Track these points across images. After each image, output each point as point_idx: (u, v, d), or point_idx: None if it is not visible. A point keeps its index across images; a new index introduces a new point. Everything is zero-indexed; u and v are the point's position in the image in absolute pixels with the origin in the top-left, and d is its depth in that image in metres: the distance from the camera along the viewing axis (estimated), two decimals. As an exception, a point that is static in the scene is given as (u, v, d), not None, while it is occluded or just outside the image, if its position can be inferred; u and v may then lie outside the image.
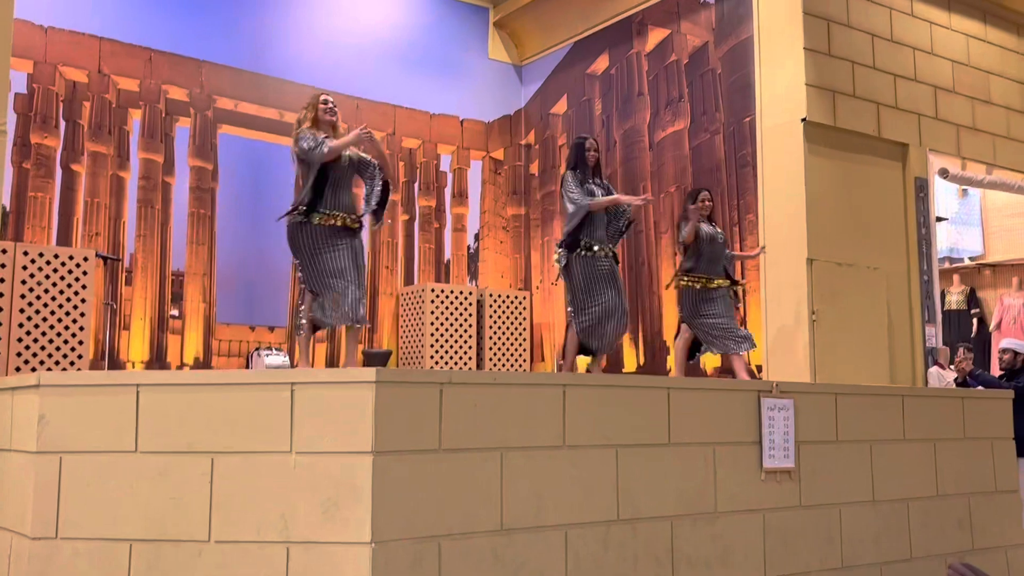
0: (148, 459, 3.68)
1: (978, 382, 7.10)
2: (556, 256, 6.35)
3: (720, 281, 7.03)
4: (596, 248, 6.22)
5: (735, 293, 7.22)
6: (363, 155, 5.68)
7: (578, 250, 6.18)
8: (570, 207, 6.24)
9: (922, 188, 8.82)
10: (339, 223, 5.46)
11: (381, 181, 5.66)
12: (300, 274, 5.63)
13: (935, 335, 8.73)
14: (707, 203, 7.12)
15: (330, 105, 5.60)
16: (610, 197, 6.41)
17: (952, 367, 7.75)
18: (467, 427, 3.78)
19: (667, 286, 7.27)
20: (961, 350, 8.00)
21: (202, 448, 3.67)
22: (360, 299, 5.40)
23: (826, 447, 5.04)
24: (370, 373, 3.59)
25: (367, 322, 6.00)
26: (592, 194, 6.30)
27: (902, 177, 8.79)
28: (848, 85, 8.40)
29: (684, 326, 7.14)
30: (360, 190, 5.77)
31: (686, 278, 7.00)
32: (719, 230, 7.19)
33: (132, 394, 3.72)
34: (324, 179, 5.42)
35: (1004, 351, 7.32)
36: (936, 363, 8.52)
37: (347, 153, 5.53)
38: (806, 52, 8.16)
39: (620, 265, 6.55)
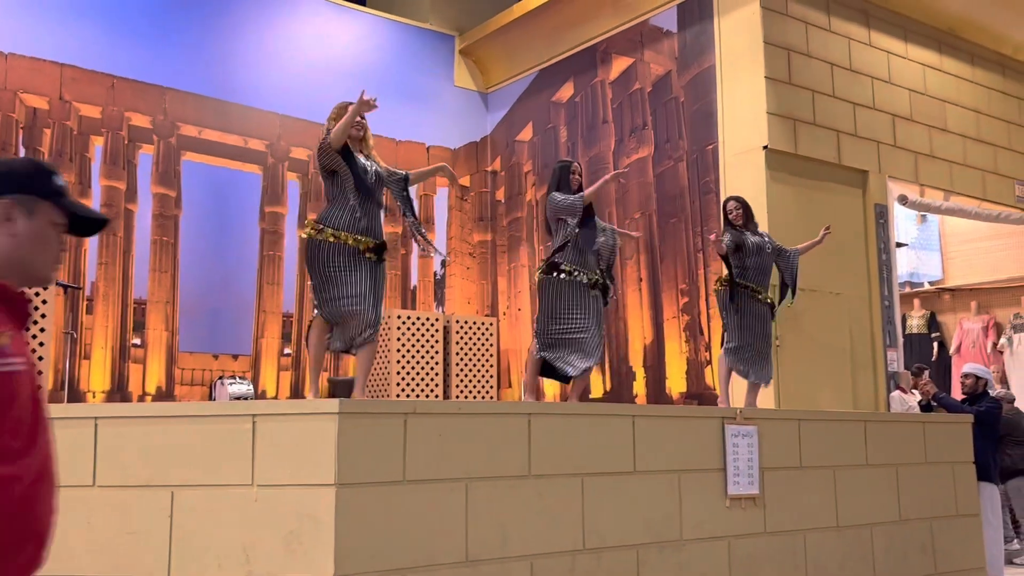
0: (106, 494, 3.62)
1: (942, 405, 7.18)
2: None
3: (768, 295, 6.54)
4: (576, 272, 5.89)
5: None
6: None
7: (557, 273, 5.88)
8: (565, 206, 5.92)
9: (882, 214, 8.95)
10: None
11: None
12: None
13: (897, 359, 8.83)
14: (735, 213, 6.66)
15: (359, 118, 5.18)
16: (598, 183, 6.15)
17: (916, 391, 7.82)
18: (432, 458, 3.76)
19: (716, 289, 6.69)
20: (926, 373, 8.09)
21: (162, 482, 3.61)
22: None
23: (790, 473, 5.08)
24: (332, 404, 3.56)
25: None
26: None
27: (862, 203, 8.91)
28: (808, 113, 8.53)
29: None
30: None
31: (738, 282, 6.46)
32: (766, 238, 6.71)
33: (90, 427, 3.67)
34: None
35: (966, 376, 7.40)
36: (898, 387, 8.61)
37: (373, 167, 5.24)
38: (767, 81, 8.28)
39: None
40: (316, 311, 4.97)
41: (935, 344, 11.68)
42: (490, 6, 11.60)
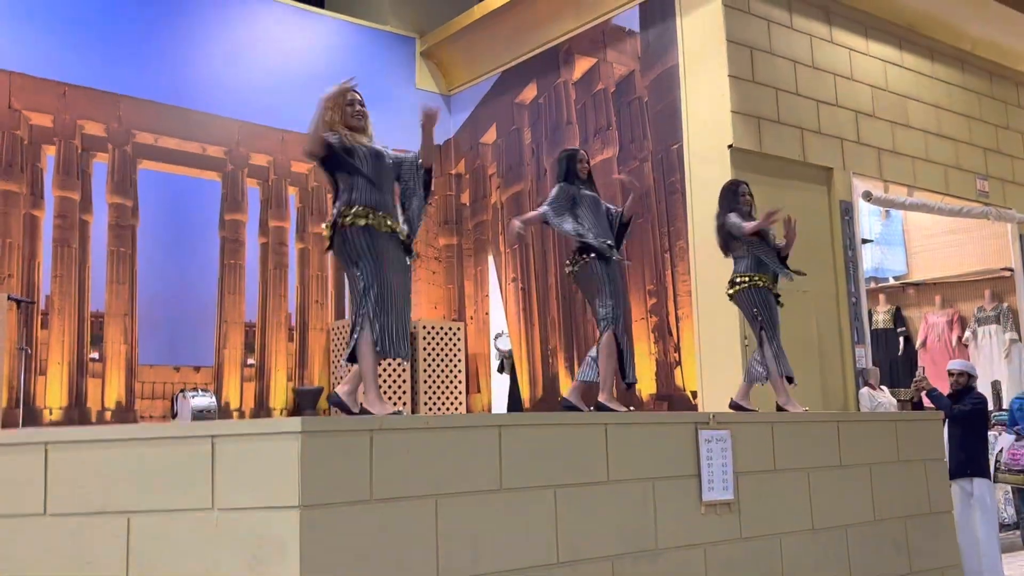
0: (58, 522, 3.46)
1: (933, 403, 7.16)
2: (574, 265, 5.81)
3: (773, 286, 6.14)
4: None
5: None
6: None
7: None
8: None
9: (847, 211, 8.95)
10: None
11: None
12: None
13: (865, 356, 8.84)
14: (746, 197, 6.26)
15: (357, 107, 4.75)
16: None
17: (912, 387, 7.78)
18: (399, 475, 3.64)
19: (730, 295, 6.26)
20: (920, 370, 8.04)
21: (117, 508, 3.46)
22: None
23: (764, 477, 5.01)
24: (295, 423, 3.43)
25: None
26: (595, 200, 5.90)
27: (827, 200, 8.91)
28: (772, 111, 8.50)
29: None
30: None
31: (754, 277, 6.07)
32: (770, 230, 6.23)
33: (40, 453, 3.50)
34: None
35: (959, 373, 7.29)
36: (867, 384, 8.62)
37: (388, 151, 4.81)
38: (730, 79, 8.24)
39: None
40: (365, 310, 4.23)
41: (901, 339, 11.74)
42: (450, 8, 11.48)
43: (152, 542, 3.43)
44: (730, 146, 8.16)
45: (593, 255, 5.63)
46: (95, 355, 8.85)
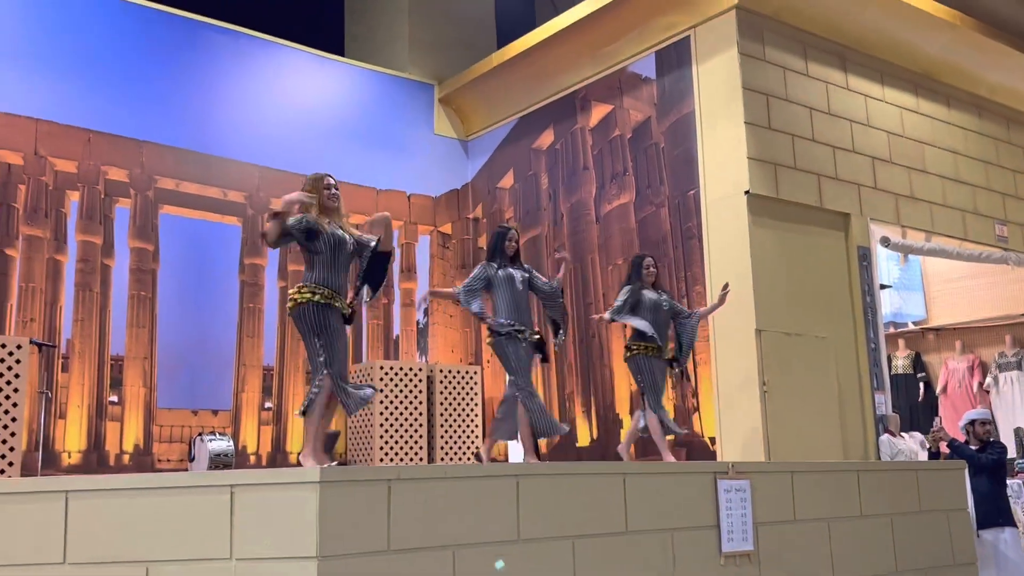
0: (77, 571, 3.47)
1: (956, 454, 7.07)
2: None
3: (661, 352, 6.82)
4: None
5: (675, 369, 7.02)
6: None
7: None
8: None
9: (865, 257, 8.94)
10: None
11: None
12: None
13: (885, 402, 8.76)
14: (651, 269, 6.98)
15: (333, 191, 5.24)
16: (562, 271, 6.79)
17: (929, 436, 7.72)
18: (417, 525, 3.63)
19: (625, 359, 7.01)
20: (937, 420, 7.98)
21: (136, 557, 3.47)
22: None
23: (784, 527, 4.97)
24: (313, 473, 3.44)
25: None
26: (510, 278, 6.40)
27: (845, 246, 8.91)
28: (789, 157, 8.54)
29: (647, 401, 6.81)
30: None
31: (641, 346, 6.77)
32: (664, 297, 6.99)
33: (60, 501, 3.52)
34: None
35: (985, 422, 7.26)
36: (887, 431, 8.54)
37: (348, 237, 5.20)
38: (747, 126, 8.29)
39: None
40: (321, 373, 4.88)
41: (921, 384, 11.64)
42: (468, 55, 11.63)
43: (170, 592, 3.43)
44: (747, 192, 8.18)
45: (501, 334, 6.22)
46: (114, 398, 8.89)
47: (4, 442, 7.27)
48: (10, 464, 7.30)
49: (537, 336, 6.38)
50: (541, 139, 10.69)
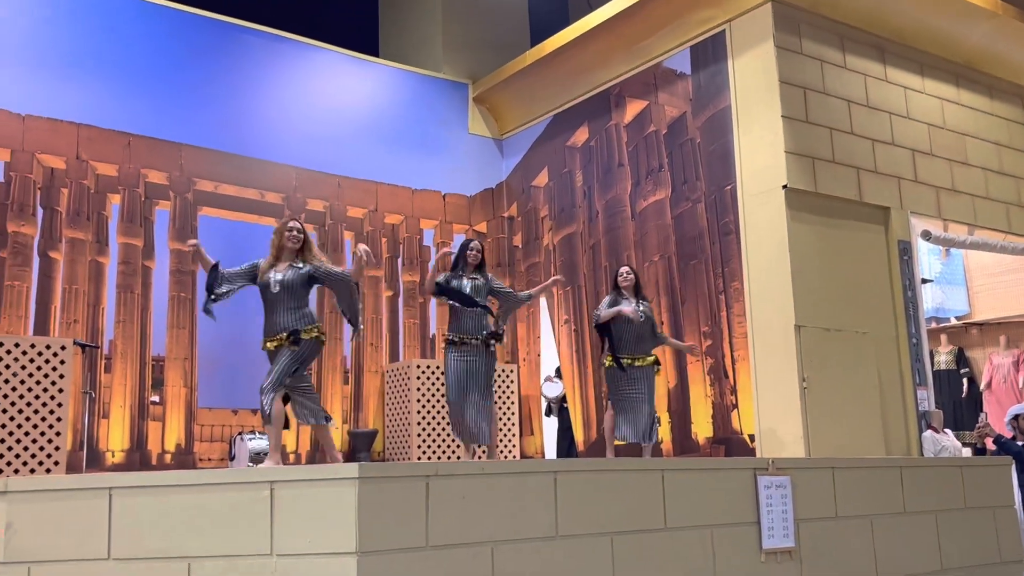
0: (121, 567, 3.51)
1: (1002, 449, 6.96)
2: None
3: (642, 360, 7.14)
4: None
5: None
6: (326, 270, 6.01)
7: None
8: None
9: (906, 251, 8.81)
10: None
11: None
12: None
13: (927, 398, 8.63)
14: (624, 277, 7.27)
15: (294, 233, 5.95)
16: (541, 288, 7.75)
17: (975, 433, 7.62)
18: (455, 521, 3.64)
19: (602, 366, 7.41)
20: (982, 416, 7.86)
21: (178, 553, 3.51)
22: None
23: (826, 524, 4.91)
24: (352, 469, 3.46)
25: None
26: (460, 287, 6.81)
27: (885, 240, 8.78)
28: (827, 151, 8.44)
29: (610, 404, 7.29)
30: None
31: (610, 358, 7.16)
32: (642, 308, 7.22)
33: (104, 498, 3.57)
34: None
35: None
36: (930, 427, 8.41)
37: (279, 276, 5.99)
38: (784, 120, 8.20)
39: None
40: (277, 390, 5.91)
41: (964, 380, 11.44)
42: (502, 53, 11.64)
43: (212, 588, 3.46)
44: (785, 186, 8.10)
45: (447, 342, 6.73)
46: (156, 398, 9.00)
47: (50, 441, 7.40)
48: (55, 463, 7.43)
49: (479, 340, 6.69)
50: (576, 136, 10.66)
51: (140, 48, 9.46)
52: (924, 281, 9.73)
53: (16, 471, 7.26)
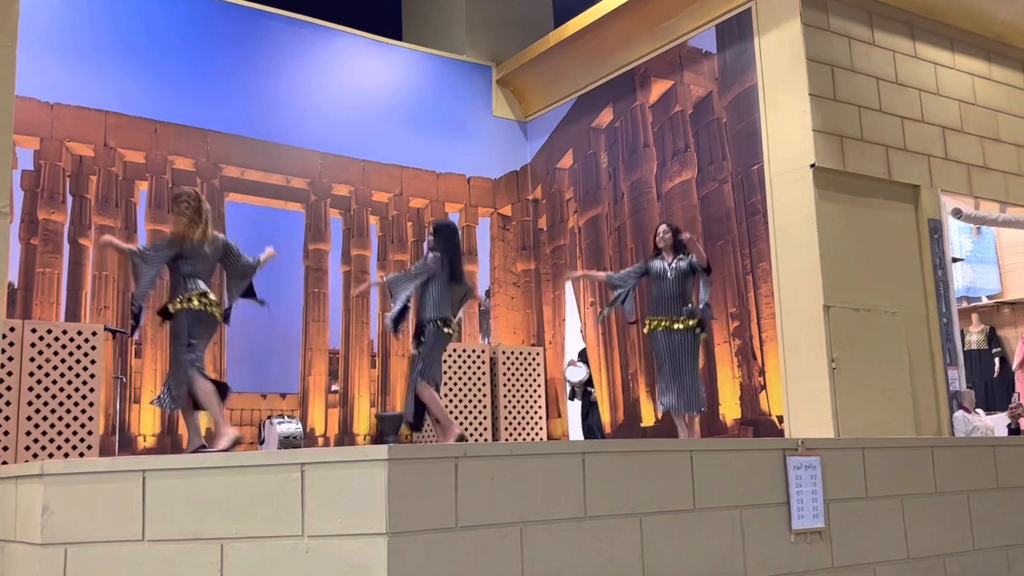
0: (155, 548, 3.56)
1: None
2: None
3: (667, 322, 6.67)
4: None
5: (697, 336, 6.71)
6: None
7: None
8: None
9: (936, 229, 8.71)
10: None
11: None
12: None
13: (958, 378, 8.55)
14: (661, 236, 6.86)
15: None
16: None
17: (1008, 413, 7.55)
18: (484, 502, 3.65)
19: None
20: (1016, 397, 7.78)
21: (211, 535, 3.54)
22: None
23: (856, 504, 4.88)
24: (381, 451, 3.47)
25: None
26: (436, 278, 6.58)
27: (915, 219, 8.68)
28: (856, 129, 8.34)
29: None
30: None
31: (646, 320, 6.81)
32: (672, 265, 6.72)
33: (138, 480, 3.61)
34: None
35: None
36: (961, 407, 8.33)
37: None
38: (811, 98, 8.11)
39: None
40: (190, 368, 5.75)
41: (996, 360, 11.32)
42: (526, 35, 11.58)
43: (244, 568, 3.50)
44: (812, 165, 8.02)
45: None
46: (186, 383, 9.08)
47: (83, 426, 7.50)
48: (88, 447, 7.53)
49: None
50: (600, 118, 10.61)
51: (165, 35, 9.51)
52: (955, 260, 9.63)
53: (50, 455, 7.37)
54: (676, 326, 6.63)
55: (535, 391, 10.47)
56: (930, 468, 5.24)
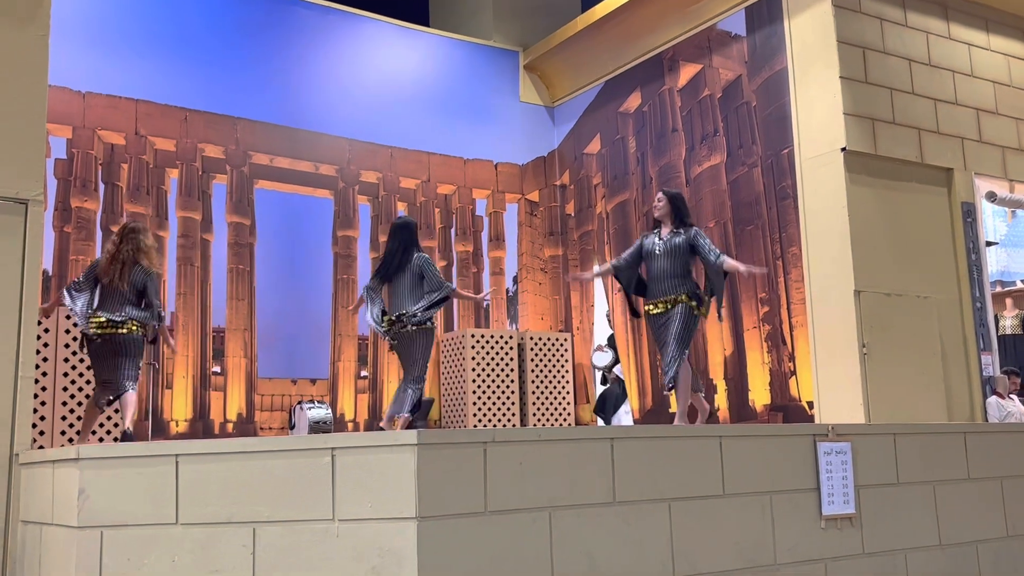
0: (189, 531, 3.60)
1: None
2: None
3: (662, 304, 6.00)
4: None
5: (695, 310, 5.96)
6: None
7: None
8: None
9: (969, 213, 8.59)
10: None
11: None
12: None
13: (992, 363, 8.45)
14: (655, 205, 6.19)
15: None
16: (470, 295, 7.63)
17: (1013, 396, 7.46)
18: (513, 487, 3.66)
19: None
20: None
21: (243, 518, 3.58)
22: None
23: (887, 490, 4.84)
24: (411, 436, 3.49)
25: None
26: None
27: (948, 202, 8.58)
28: (887, 112, 8.24)
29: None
30: None
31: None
32: (664, 239, 6.04)
33: (171, 464, 3.66)
34: None
35: None
36: (995, 392, 8.24)
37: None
38: (842, 80, 8.02)
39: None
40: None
41: (1031, 345, 11.19)
42: (553, 20, 11.53)
43: (276, 551, 3.54)
44: (843, 149, 7.94)
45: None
46: (217, 369, 9.19)
47: (116, 411, 7.59)
48: (116, 443, 7.63)
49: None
50: (628, 102, 10.56)
51: (195, 24, 9.58)
52: (988, 244, 9.50)
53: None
54: (662, 308, 5.99)
55: (563, 377, 10.47)
56: (963, 454, 5.19)
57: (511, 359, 10.13)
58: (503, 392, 9.99)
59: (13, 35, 5.00)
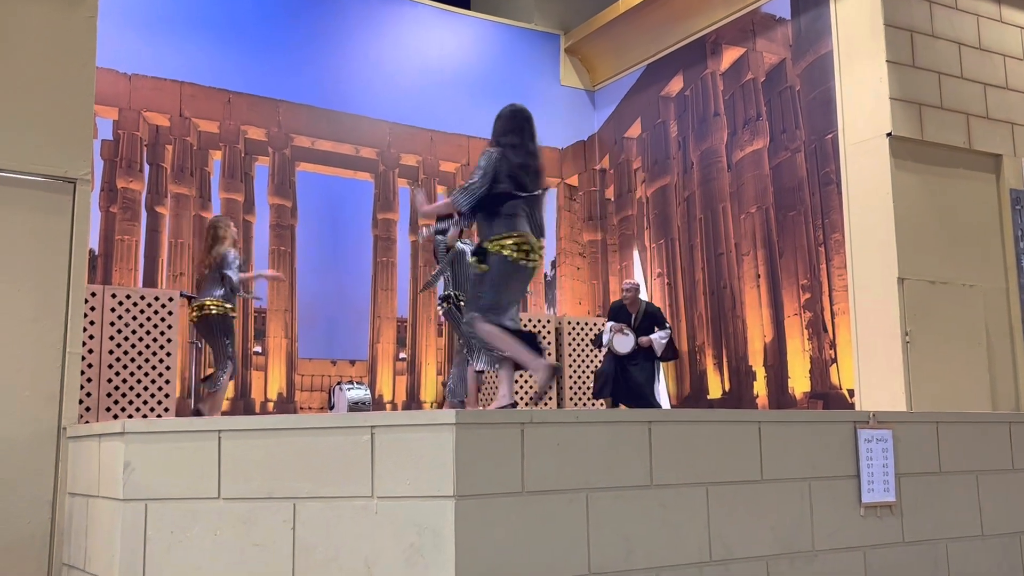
0: (231, 506, 3.67)
1: None
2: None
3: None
4: None
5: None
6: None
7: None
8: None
9: (1018, 200, 8.43)
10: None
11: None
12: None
13: (1039, 354, 8.29)
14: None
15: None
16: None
17: None
18: (550, 468, 3.68)
19: None
20: None
21: (284, 494, 3.64)
22: None
23: (929, 479, 4.80)
24: (450, 415, 3.52)
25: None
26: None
27: (996, 189, 8.41)
28: (935, 97, 8.09)
29: None
30: None
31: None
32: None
33: (214, 440, 3.72)
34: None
35: None
36: (1041, 383, 8.09)
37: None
38: (889, 64, 7.89)
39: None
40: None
41: (1079, 336, 10.94)
42: (595, 3, 11.46)
43: (316, 528, 3.59)
44: (889, 134, 7.82)
45: None
46: (258, 349, 9.30)
47: (160, 388, 7.73)
48: (165, 409, 7.77)
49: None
50: (670, 86, 10.47)
51: (239, 7, 9.65)
52: (1037, 232, 9.30)
53: (129, 416, 7.62)
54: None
55: (597, 358, 10.44)
56: (1007, 444, 5.12)
57: (549, 343, 10.13)
58: (540, 376, 9.98)
59: (62, 17, 5.08)
